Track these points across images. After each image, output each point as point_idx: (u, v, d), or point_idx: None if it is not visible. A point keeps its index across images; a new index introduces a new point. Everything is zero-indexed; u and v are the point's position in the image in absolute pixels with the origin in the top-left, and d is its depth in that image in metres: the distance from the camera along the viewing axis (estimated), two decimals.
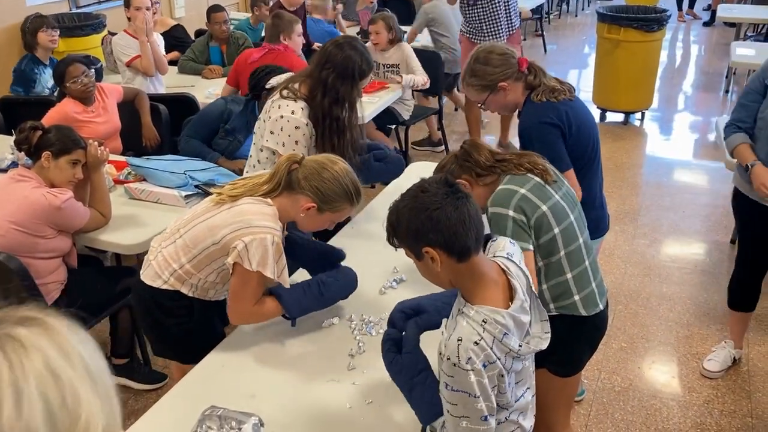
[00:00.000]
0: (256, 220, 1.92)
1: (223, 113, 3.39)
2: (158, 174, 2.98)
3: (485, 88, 2.37)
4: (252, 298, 1.98)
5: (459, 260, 1.45)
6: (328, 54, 2.52)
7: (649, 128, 6.25)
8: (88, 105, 3.58)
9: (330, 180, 1.95)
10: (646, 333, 3.39)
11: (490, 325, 1.40)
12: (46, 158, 2.59)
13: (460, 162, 1.91)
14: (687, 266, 3.98)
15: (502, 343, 1.41)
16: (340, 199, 1.97)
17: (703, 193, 4.91)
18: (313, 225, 2.06)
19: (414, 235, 1.46)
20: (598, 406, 2.93)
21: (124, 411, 2.64)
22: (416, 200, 1.46)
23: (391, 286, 2.32)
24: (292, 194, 1.98)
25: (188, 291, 2.08)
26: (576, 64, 8.47)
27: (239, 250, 1.90)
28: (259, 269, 1.90)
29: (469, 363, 1.37)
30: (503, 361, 1.43)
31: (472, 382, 1.38)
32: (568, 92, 2.37)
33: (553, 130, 2.30)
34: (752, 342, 3.31)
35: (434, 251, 1.44)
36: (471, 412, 1.41)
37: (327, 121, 2.50)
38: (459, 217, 1.43)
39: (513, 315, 1.44)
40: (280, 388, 1.86)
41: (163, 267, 2.07)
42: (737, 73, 7.25)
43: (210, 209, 2.00)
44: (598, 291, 1.99)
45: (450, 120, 6.33)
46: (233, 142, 3.38)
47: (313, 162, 2.00)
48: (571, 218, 1.91)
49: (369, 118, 4.31)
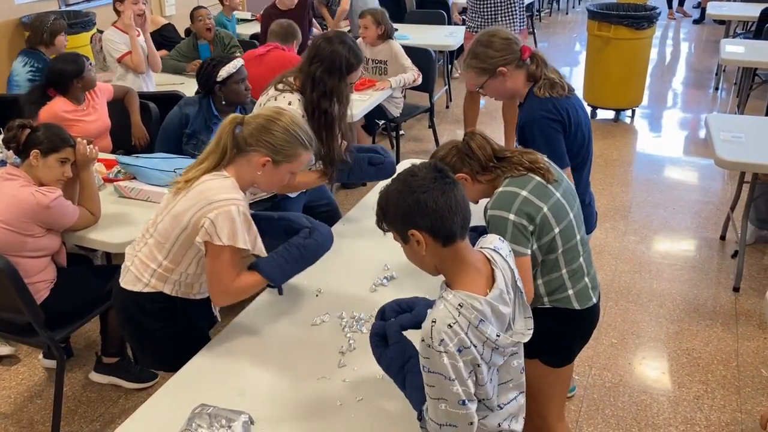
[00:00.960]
0: (216, 194, 1.89)
1: (181, 119, 3.29)
2: (148, 172, 2.96)
3: (484, 71, 2.34)
4: (230, 275, 1.94)
5: (444, 245, 1.47)
6: (317, 48, 2.53)
7: (639, 125, 6.27)
8: (79, 104, 3.56)
9: (279, 131, 1.94)
10: (636, 329, 3.41)
11: (466, 309, 1.42)
12: (35, 156, 2.58)
13: (461, 155, 1.90)
14: (677, 263, 3.99)
15: (477, 329, 1.42)
16: (292, 146, 1.95)
17: (693, 190, 4.93)
18: (273, 181, 2.02)
19: (401, 218, 1.48)
20: (589, 402, 2.94)
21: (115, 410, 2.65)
22: (405, 183, 1.48)
23: (381, 284, 2.32)
24: (244, 155, 1.95)
25: (171, 290, 2.06)
26: (567, 61, 8.49)
27: (206, 228, 1.87)
28: (230, 243, 1.88)
29: (441, 345, 1.39)
30: (480, 349, 1.43)
31: (446, 364, 1.40)
32: (567, 89, 2.38)
33: (556, 126, 2.31)
34: (741, 337, 3.33)
35: (420, 234, 1.46)
36: (448, 395, 1.43)
37: (316, 115, 2.51)
38: (446, 201, 1.45)
39: (490, 302, 1.45)
40: (271, 386, 1.86)
41: (141, 270, 2.05)
42: (727, 71, 7.29)
43: (170, 201, 1.99)
44: (591, 285, 2.00)
45: (441, 118, 6.34)
46: (198, 144, 3.30)
47: (257, 118, 1.98)
48: (570, 216, 1.92)
49: (358, 117, 4.31)
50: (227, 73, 3.21)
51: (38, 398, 3.02)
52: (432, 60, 5.22)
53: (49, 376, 3.15)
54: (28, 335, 2.65)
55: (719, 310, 3.54)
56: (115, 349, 3.02)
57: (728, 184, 4.94)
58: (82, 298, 2.75)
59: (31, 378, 3.15)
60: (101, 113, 3.70)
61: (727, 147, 3.52)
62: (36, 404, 2.99)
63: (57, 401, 2.70)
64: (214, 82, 3.20)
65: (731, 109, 6.56)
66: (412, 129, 6.07)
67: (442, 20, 6.87)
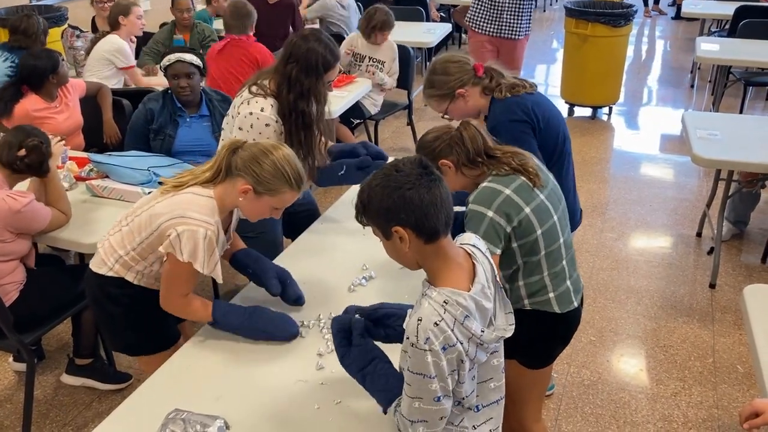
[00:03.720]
0: (191, 212, 1.91)
1: (146, 115, 3.26)
2: (121, 171, 2.90)
3: (444, 97, 2.39)
4: (180, 290, 1.99)
5: (427, 241, 1.44)
6: (292, 47, 2.47)
7: (616, 123, 6.31)
8: (51, 100, 3.48)
9: (268, 164, 1.93)
10: (614, 326, 3.42)
11: (451, 306, 1.40)
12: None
13: (451, 142, 1.88)
14: (654, 259, 4.02)
15: (463, 326, 1.40)
16: (276, 181, 1.93)
17: (670, 187, 4.97)
18: (254, 211, 2.01)
19: (385, 214, 1.44)
20: (568, 400, 2.94)
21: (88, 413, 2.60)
22: (389, 179, 1.44)
23: (360, 284, 2.29)
24: (231, 179, 1.98)
25: (133, 279, 2.08)
26: (544, 59, 8.52)
27: (171, 240, 1.90)
28: (190, 260, 1.91)
29: (427, 343, 1.37)
30: (466, 346, 1.42)
31: (428, 362, 1.38)
32: (529, 86, 2.38)
33: (523, 126, 2.30)
34: (718, 333, 3.35)
35: (404, 231, 1.43)
36: (424, 392, 1.42)
37: (293, 116, 2.46)
38: (431, 198, 1.42)
39: (474, 298, 1.43)
40: (247, 390, 1.82)
41: (108, 253, 2.08)
42: (702, 68, 7.35)
43: (155, 198, 2.02)
44: (573, 288, 1.99)
45: (420, 115, 6.32)
46: (165, 139, 3.25)
47: (254, 147, 1.98)
48: (554, 218, 1.90)
49: (338, 113, 4.28)
50: (163, 65, 3.21)
51: (8, 402, 2.95)
52: (410, 57, 5.20)
53: (19, 379, 3.08)
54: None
55: (696, 306, 3.57)
56: (88, 351, 2.96)
57: (704, 181, 4.98)
58: (54, 300, 2.69)
59: (1, 382, 3.08)
60: (73, 110, 3.62)
61: (704, 144, 3.54)
62: (6, 408, 2.92)
63: (27, 405, 2.63)
64: (165, 71, 3.21)
65: (706, 107, 6.62)
66: (390, 126, 6.04)
67: (420, 17, 6.85)
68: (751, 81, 5.98)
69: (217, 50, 4.14)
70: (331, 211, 2.84)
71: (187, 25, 4.98)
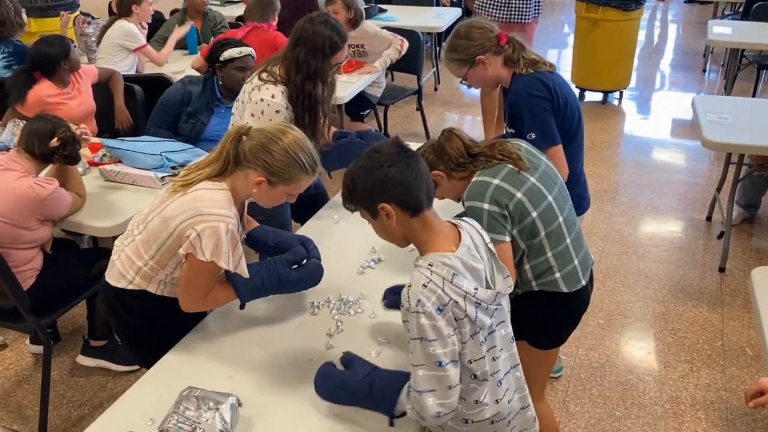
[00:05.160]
0: (207, 208, 1.80)
1: (183, 96, 3.31)
2: (134, 155, 2.94)
3: (464, 62, 2.38)
4: (203, 290, 1.89)
5: (413, 215, 1.53)
6: (300, 30, 2.50)
7: (627, 107, 6.28)
8: (64, 86, 3.52)
9: (278, 151, 1.82)
10: (623, 310, 3.43)
11: (436, 267, 1.47)
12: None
13: (437, 153, 1.93)
14: (663, 244, 4.02)
15: (453, 284, 1.46)
16: (290, 169, 1.83)
17: (680, 171, 4.95)
18: (270, 200, 1.91)
19: (369, 193, 1.53)
20: (576, 382, 2.97)
21: (103, 394, 2.64)
22: (370, 160, 1.54)
23: (369, 266, 2.32)
24: (242, 170, 1.85)
25: (156, 290, 2.00)
26: (555, 43, 8.47)
27: (191, 240, 1.79)
28: (213, 259, 1.80)
29: (419, 305, 1.43)
30: (462, 304, 1.46)
31: (423, 324, 1.44)
32: (549, 65, 2.40)
33: (544, 103, 2.32)
34: (727, 317, 3.36)
35: (390, 207, 1.52)
36: (426, 357, 1.46)
37: (300, 98, 2.48)
38: (411, 173, 1.52)
39: (460, 258, 1.49)
40: (258, 369, 1.86)
41: (127, 266, 1.99)
42: (714, 52, 7.29)
43: (165, 200, 1.90)
44: (581, 267, 2.01)
45: (429, 100, 6.32)
46: (197, 124, 3.31)
47: (260, 133, 1.86)
48: (549, 198, 1.92)
49: (347, 99, 4.28)
50: (230, 55, 3.25)
51: (26, 383, 3.02)
52: (420, 42, 5.19)
53: (36, 361, 3.14)
54: (15, 320, 2.63)
55: (705, 290, 3.57)
56: (103, 333, 3.01)
57: (715, 165, 4.96)
58: (69, 283, 2.73)
59: (19, 363, 3.14)
60: (86, 96, 3.66)
61: (714, 128, 3.53)
62: (24, 389, 2.98)
63: (44, 386, 2.69)
64: (216, 60, 3.22)
65: (719, 91, 6.57)
66: (400, 111, 6.05)
67: (430, 1, 6.82)
68: (764, 64, 5.92)
69: (237, 36, 4.14)
70: (339, 196, 2.86)
71: (202, 10, 4.99)
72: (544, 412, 2.19)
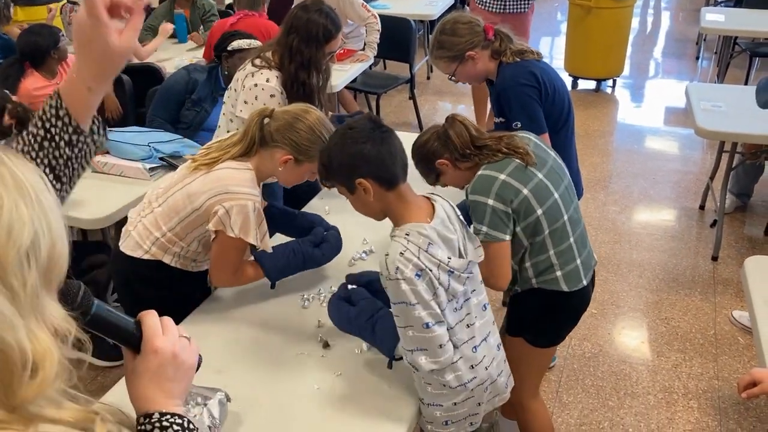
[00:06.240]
0: (234, 186, 1.89)
1: (187, 84, 3.32)
2: (121, 146, 2.90)
3: (453, 59, 2.36)
4: (234, 265, 1.98)
5: (388, 188, 1.56)
6: (293, 18, 2.48)
7: (620, 95, 6.26)
8: (53, 77, 3.47)
9: (304, 130, 1.92)
10: (616, 299, 3.42)
11: (413, 236, 1.50)
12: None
13: (442, 141, 1.90)
14: (656, 232, 4.01)
15: (428, 252, 1.50)
16: (315, 146, 1.93)
17: (673, 160, 4.94)
18: (293, 178, 2.02)
19: (346, 169, 1.57)
20: (569, 372, 2.96)
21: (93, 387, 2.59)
22: (344, 137, 1.58)
23: (360, 258, 2.30)
24: (267, 149, 1.96)
25: (170, 261, 2.04)
26: (548, 31, 8.43)
27: (220, 216, 1.88)
28: (241, 235, 1.89)
29: (398, 272, 1.47)
30: (436, 273, 1.50)
31: (405, 290, 1.48)
32: (536, 54, 2.38)
33: (531, 91, 2.31)
34: (719, 306, 3.36)
35: (366, 182, 1.55)
36: (413, 320, 1.50)
37: (294, 87, 2.46)
38: (386, 148, 1.55)
39: (435, 228, 1.53)
40: (247, 363, 1.84)
41: (144, 236, 2.02)
42: (708, 40, 7.27)
43: (186, 176, 1.97)
44: (584, 266, 1.98)
45: (422, 89, 6.28)
46: (200, 112, 3.32)
47: (285, 113, 1.97)
48: (556, 196, 1.89)
49: (339, 87, 4.25)
50: (238, 46, 3.24)
51: None
52: (412, 30, 5.15)
53: None
54: None
55: (698, 279, 3.57)
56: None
57: (708, 153, 4.95)
58: None
59: None
60: None
61: (707, 116, 3.52)
62: None
63: None
64: (223, 49, 3.21)
65: (712, 79, 6.56)
66: (392, 100, 6.01)
67: None
68: (757, 52, 5.90)
69: (229, 24, 4.11)
70: None
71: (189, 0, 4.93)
72: (538, 410, 2.18)
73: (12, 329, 0.65)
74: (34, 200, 0.71)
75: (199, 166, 1.95)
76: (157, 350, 0.90)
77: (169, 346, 0.91)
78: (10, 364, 0.66)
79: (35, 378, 0.67)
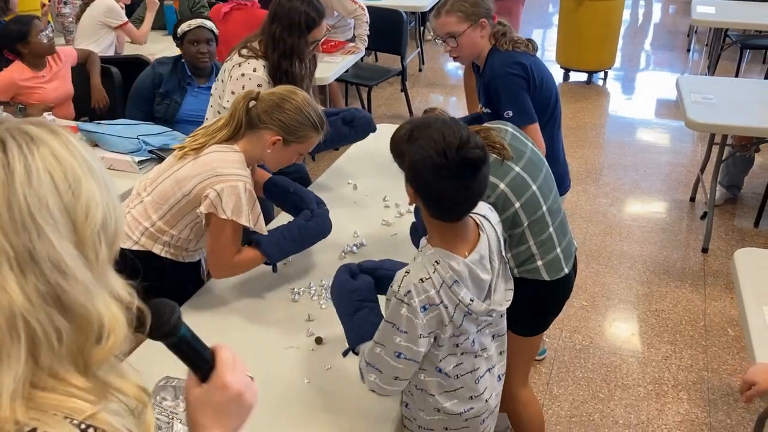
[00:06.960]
0: (224, 168, 1.88)
1: (153, 79, 3.25)
2: (110, 139, 2.88)
3: (469, 17, 2.34)
4: (231, 248, 1.95)
5: (442, 221, 1.47)
6: (276, 6, 2.47)
7: (611, 87, 6.26)
8: (39, 69, 3.44)
9: (292, 110, 1.92)
10: (607, 291, 3.43)
11: (442, 267, 1.42)
12: None
13: None
14: (647, 225, 4.02)
15: (451, 289, 1.42)
16: (304, 127, 1.95)
17: (664, 152, 4.95)
18: (282, 159, 2.02)
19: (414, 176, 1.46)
20: (560, 364, 2.97)
21: None
22: (432, 161, 1.41)
23: (351, 251, 2.29)
24: (255, 132, 1.95)
25: (161, 251, 2.02)
26: (540, 23, 8.42)
27: (212, 199, 1.87)
28: (233, 218, 1.88)
29: (407, 296, 1.40)
30: (451, 311, 1.43)
31: (402, 315, 1.41)
32: (531, 48, 2.38)
33: (520, 81, 2.31)
34: (709, 297, 3.37)
35: (427, 209, 1.48)
36: (388, 342, 1.45)
37: (278, 76, 2.45)
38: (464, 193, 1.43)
39: (469, 265, 1.45)
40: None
41: (132, 227, 2.00)
42: (699, 32, 7.28)
43: (174, 164, 1.97)
44: (564, 255, 1.98)
45: (414, 81, 6.26)
46: (171, 104, 3.25)
47: (271, 95, 1.97)
48: (534, 188, 1.88)
49: (331, 79, 4.23)
50: (182, 30, 3.18)
51: None
52: (403, 21, 5.13)
53: None
54: None
55: (688, 271, 3.59)
56: None
57: (698, 145, 4.97)
58: None
59: None
60: (64, 80, 3.58)
61: (698, 108, 3.52)
62: None
63: None
64: (175, 37, 3.17)
65: (703, 71, 6.57)
66: (384, 93, 5.99)
67: None
68: (747, 44, 5.92)
69: (223, 12, 4.08)
70: (322, 179, 2.83)
71: None
72: (528, 399, 2.18)
73: (91, 297, 0.75)
74: (102, 181, 0.77)
75: (187, 153, 1.95)
76: (226, 386, 0.92)
77: (237, 385, 0.93)
78: (88, 328, 0.74)
79: (107, 343, 0.76)
